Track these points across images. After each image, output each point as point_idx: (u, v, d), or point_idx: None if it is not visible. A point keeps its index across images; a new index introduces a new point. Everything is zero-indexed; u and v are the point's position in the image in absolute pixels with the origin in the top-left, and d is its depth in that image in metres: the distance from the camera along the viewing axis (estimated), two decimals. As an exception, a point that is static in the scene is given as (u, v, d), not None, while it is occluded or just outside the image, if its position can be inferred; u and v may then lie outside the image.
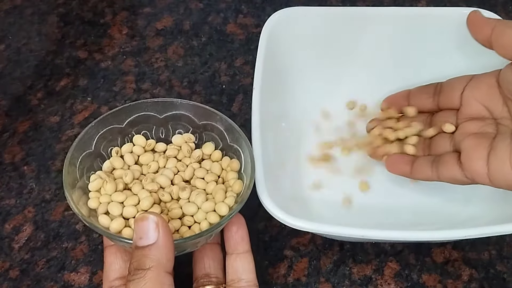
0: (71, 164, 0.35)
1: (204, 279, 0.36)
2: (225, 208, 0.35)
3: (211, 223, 0.34)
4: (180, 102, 0.39)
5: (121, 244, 0.34)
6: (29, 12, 0.57)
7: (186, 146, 0.39)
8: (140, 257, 0.30)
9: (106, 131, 0.38)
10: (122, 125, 0.39)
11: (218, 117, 0.38)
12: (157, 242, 0.30)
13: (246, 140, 0.37)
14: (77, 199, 0.34)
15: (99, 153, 0.38)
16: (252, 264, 0.36)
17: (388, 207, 0.42)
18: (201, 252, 0.37)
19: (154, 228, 0.30)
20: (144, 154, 0.39)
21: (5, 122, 0.48)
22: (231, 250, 0.36)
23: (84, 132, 0.37)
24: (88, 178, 0.37)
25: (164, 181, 0.37)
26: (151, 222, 0.30)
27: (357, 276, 0.40)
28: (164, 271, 0.30)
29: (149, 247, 0.30)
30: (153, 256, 0.30)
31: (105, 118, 0.38)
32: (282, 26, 0.44)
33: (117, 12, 0.57)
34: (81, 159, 0.36)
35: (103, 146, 0.38)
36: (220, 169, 0.38)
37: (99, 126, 0.37)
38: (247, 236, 0.36)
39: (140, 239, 0.30)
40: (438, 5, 0.57)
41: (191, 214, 0.35)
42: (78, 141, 0.36)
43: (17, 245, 0.42)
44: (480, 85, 0.39)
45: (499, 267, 0.40)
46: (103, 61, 0.53)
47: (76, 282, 0.40)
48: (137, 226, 0.31)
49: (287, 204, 0.37)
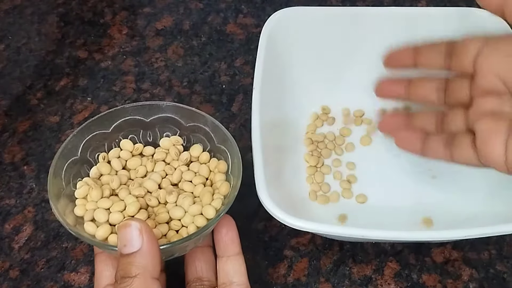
0: (56, 174, 0.35)
1: (196, 282, 0.35)
2: (212, 211, 0.34)
3: (198, 227, 0.34)
4: (166, 104, 0.39)
5: (108, 252, 0.34)
6: (29, 12, 0.57)
7: (174, 149, 0.39)
8: (126, 265, 0.30)
9: (91, 137, 0.38)
10: (108, 130, 0.38)
11: (205, 119, 0.38)
12: (141, 249, 0.30)
13: (233, 141, 0.37)
14: (62, 208, 0.34)
15: (85, 160, 0.38)
16: (244, 267, 0.35)
17: (388, 207, 0.42)
18: (192, 256, 0.36)
19: (137, 234, 0.30)
20: (131, 158, 0.38)
21: (5, 122, 0.48)
22: (222, 252, 0.35)
23: (67, 141, 0.36)
24: (74, 185, 0.36)
25: (151, 185, 0.36)
26: (134, 229, 0.30)
27: (357, 276, 0.40)
28: (151, 277, 0.30)
29: (134, 254, 0.30)
30: (139, 263, 0.29)
31: (87, 126, 0.37)
32: (282, 26, 0.44)
33: (117, 12, 0.57)
34: (66, 168, 0.36)
35: (89, 153, 0.38)
36: (208, 171, 0.38)
37: (83, 133, 0.37)
38: (238, 238, 0.36)
39: (124, 246, 0.30)
40: (438, 5, 0.57)
41: (178, 218, 0.35)
42: (61, 150, 0.36)
43: (17, 245, 0.41)
44: (495, 53, 0.34)
45: (499, 267, 0.40)
46: (103, 61, 0.53)
47: (76, 282, 0.40)
48: (120, 233, 0.30)
49: (287, 204, 0.37)
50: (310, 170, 0.44)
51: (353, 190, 0.43)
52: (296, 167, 0.44)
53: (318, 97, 0.47)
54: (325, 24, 0.45)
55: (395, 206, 0.42)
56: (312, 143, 0.46)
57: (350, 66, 0.46)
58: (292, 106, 0.46)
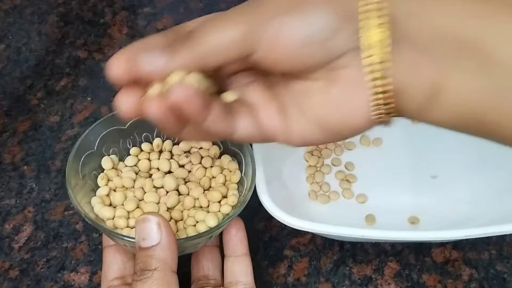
0: (74, 163, 0.36)
1: (202, 280, 0.36)
2: (227, 209, 0.35)
3: (211, 225, 0.34)
4: None
5: (123, 243, 0.34)
6: (29, 12, 0.57)
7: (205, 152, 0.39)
8: (145, 258, 0.30)
9: (109, 131, 0.38)
10: (125, 127, 0.39)
11: None
12: (160, 243, 0.30)
13: (247, 144, 0.37)
14: (79, 198, 0.34)
15: (101, 153, 0.38)
16: (250, 267, 0.36)
17: (388, 207, 0.42)
18: (199, 254, 0.37)
19: (156, 229, 0.30)
20: (154, 157, 0.39)
21: (5, 122, 0.48)
22: (230, 252, 0.36)
23: (88, 132, 0.37)
24: (91, 177, 0.37)
25: (170, 182, 0.37)
26: (153, 223, 0.30)
27: (357, 276, 0.40)
28: (170, 271, 0.30)
29: (153, 248, 0.30)
30: (158, 257, 0.30)
31: (108, 119, 0.38)
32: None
33: (117, 12, 0.57)
34: (84, 158, 0.36)
35: (105, 147, 0.38)
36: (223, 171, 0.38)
37: (103, 126, 0.38)
38: (246, 239, 0.36)
39: (143, 240, 0.30)
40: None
41: (192, 215, 0.35)
42: (81, 140, 0.36)
43: (17, 245, 0.42)
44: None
45: (499, 267, 0.40)
46: (103, 61, 0.53)
47: (76, 282, 0.40)
48: (139, 227, 0.31)
49: (287, 204, 0.37)
50: (310, 170, 0.44)
51: (353, 190, 0.43)
52: (296, 167, 0.44)
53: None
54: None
55: (395, 206, 0.42)
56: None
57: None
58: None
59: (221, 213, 0.35)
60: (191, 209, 0.36)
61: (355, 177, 0.44)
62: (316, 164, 0.44)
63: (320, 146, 0.46)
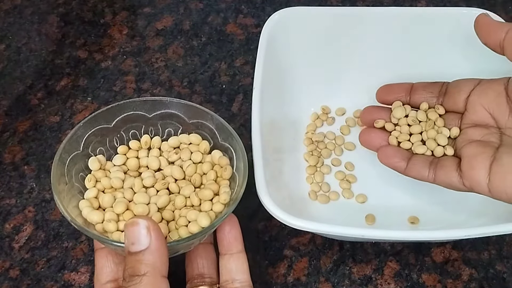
0: (60, 166, 0.35)
1: (197, 279, 0.36)
2: (220, 208, 0.34)
3: (203, 225, 0.34)
4: (170, 100, 0.39)
5: (113, 248, 0.34)
6: (29, 12, 0.57)
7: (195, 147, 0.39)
8: (134, 263, 0.29)
9: (95, 131, 0.37)
10: (111, 125, 0.38)
11: (209, 116, 0.38)
12: (150, 247, 0.29)
13: (237, 138, 0.37)
14: (66, 202, 0.34)
15: (87, 154, 0.37)
16: (246, 265, 0.35)
17: (388, 207, 0.42)
18: (194, 252, 0.36)
19: (145, 233, 0.29)
20: (143, 154, 0.38)
21: (5, 121, 0.48)
22: (225, 250, 0.35)
23: (72, 133, 0.36)
24: (78, 179, 0.36)
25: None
26: (142, 227, 0.30)
27: (357, 275, 0.40)
28: (160, 276, 0.29)
29: (142, 252, 0.29)
30: (148, 261, 0.29)
31: (93, 118, 0.37)
32: (282, 26, 0.44)
33: (117, 12, 0.57)
34: (69, 162, 0.36)
35: (91, 147, 0.38)
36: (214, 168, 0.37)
37: (87, 126, 0.37)
38: (241, 236, 0.36)
39: (132, 244, 0.29)
40: (438, 5, 0.57)
41: (184, 215, 0.35)
42: (66, 142, 0.36)
43: (17, 245, 0.42)
44: (488, 91, 0.38)
45: (499, 267, 0.40)
46: (103, 61, 0.53)
47: (76, 281, 0.40)
48: (128, 231, 0.30)
49: (287, 204, 0.37)
50: (310, 170, 0.44)
51: (353, 190, 0.43)
52: (296, 167, 0.44)
53: (318, 97, 0.47)
54: (325, 24, 0.45)
55: (395, 206, 0.42)
56: (312, 143, 0.46)
57: (350, 66, 0.46)
58: (292, 106, 0.46)
59: (214, 212, 0.35)
60: (183, 208, 0.35)
61: (355, 177, 0.44)
62: (316, 164, 0.44)
63: (320, 146, 0.46)
